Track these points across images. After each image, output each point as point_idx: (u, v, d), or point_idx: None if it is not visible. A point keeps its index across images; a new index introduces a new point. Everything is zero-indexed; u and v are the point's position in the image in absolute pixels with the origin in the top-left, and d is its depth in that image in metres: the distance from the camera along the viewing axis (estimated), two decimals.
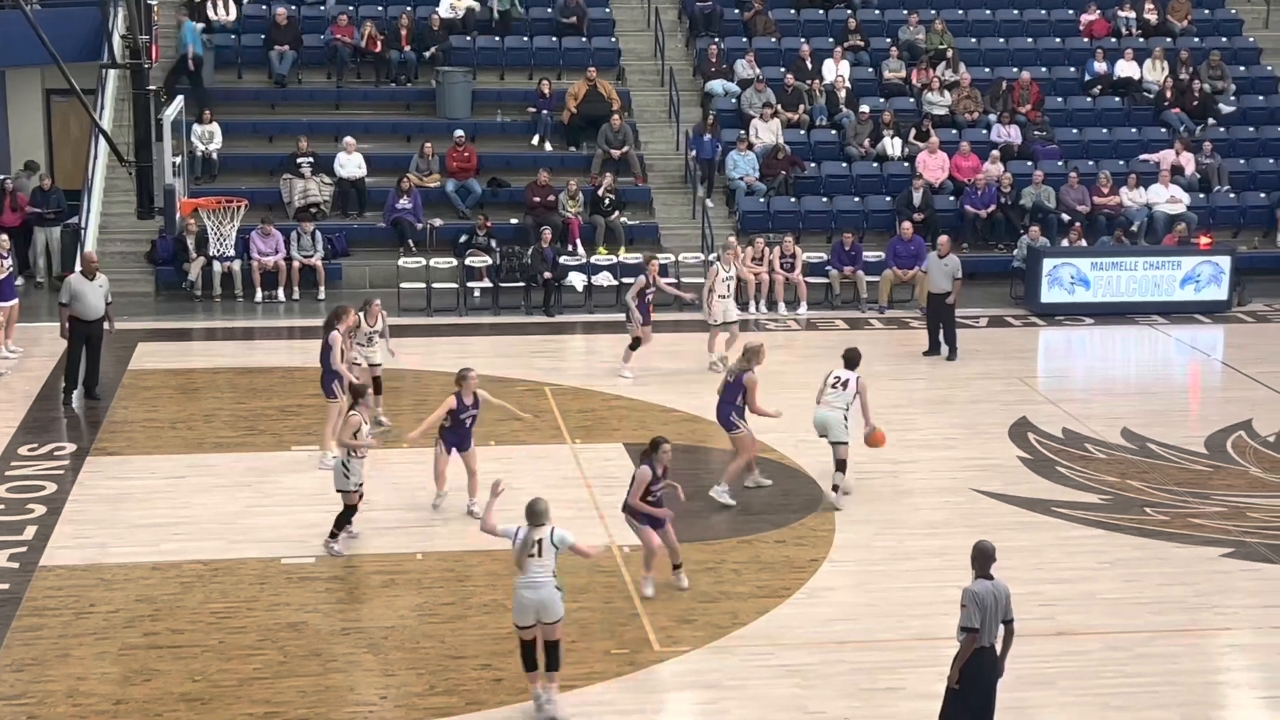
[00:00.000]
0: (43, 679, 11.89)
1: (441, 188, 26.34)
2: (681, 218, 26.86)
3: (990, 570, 10.45)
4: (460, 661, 12.30)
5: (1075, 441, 18.08)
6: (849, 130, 27.96)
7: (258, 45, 28.39)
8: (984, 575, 10.43)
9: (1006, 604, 10.40)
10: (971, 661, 10.34)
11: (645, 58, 29.93)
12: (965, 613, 10.32)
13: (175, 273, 24.70)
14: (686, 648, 12.62)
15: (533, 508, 11.50)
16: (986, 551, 10.51)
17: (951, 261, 21.95)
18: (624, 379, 20.03)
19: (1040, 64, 30.09)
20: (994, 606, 10.31)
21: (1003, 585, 10.44)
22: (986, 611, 10.27)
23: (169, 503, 15.74)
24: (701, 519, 15.48)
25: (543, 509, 11.49)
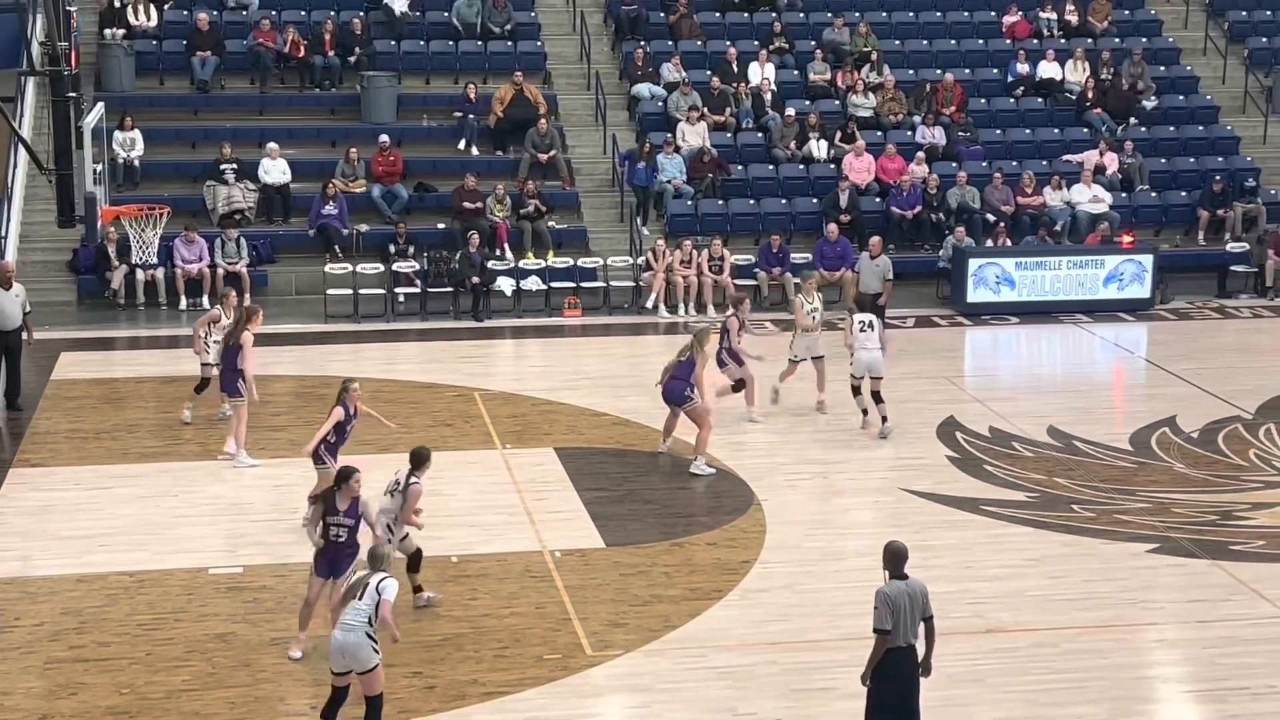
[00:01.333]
0: None
1: (367, 193, 26.22)
2: (610, 221, 26.88)
3: (904, 570, 10.49)
4: (391, 670, 12.19)
5: (1002, 440, 18.23)
6: (775, 133, 28.08)
7: (179, 51, 28.12)
8: (897, 575, 10.46)
9: (924, 602, 10.44)
10: (886, 661, 10.38)
11: (571, 61, 29.92)
12: (877, 614, 10.33)
13: (98, 281, 24.44)
14: (619, 651, 12.62)
15: (374, 553, 11.05)
16: (898, 552, 10.53)
17: (883, 262, 22.13)
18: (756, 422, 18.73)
19: (964, 66, 30.33)
20: (908, 606, 10.33)
21: (918, 584, 10.49)
22: (900, 612, 10.30)
23: (94, 514, 15.57)
24: (633, 522, 15.49)
25: (384, 554, 11.02)
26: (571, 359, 22.42)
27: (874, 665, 10.40)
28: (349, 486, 12.21)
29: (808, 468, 17.09)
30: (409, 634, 12.78)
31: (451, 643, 12.68)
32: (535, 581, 13.98)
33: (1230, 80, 31.02)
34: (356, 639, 10.70)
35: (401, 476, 13.01)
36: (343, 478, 12.27)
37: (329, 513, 12.24)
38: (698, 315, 24.59)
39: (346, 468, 12.45)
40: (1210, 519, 15.75)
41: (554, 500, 16.08)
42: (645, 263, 25.08)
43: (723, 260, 24.97)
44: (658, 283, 24.68)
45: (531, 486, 16.35)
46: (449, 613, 13.26)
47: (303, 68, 28.19)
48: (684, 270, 24.85)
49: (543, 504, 15.93)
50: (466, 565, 14.35)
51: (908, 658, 10.40)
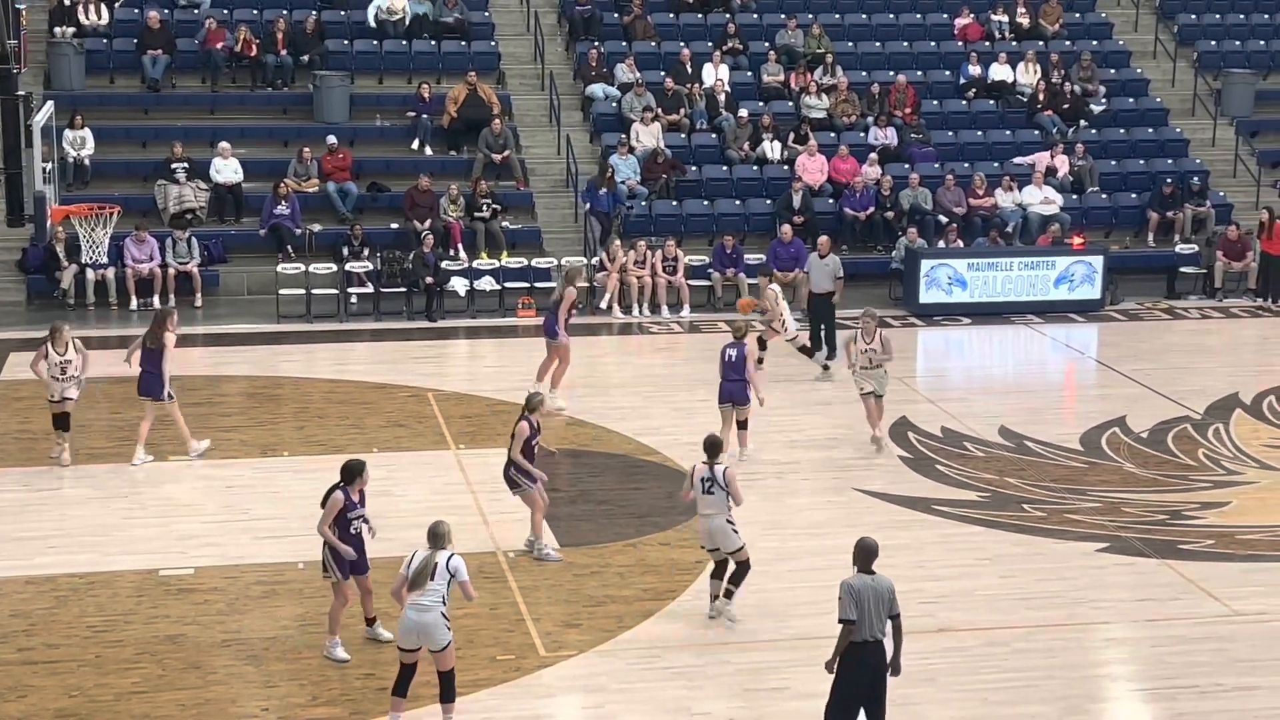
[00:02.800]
0: None
1: (320, 193, 26.10)
2: (563, 221, 26.85)
3: (871, 566, 10.55)
4: (343, 671, 12.19)
5: (954, 440, 18.31)
6: (729, 134, 28.12)
7: (130, 50, 27.92)
8: (865, 570, 10.53)
9: (890, 599, 10.51)
10: (849, 655, 10.44)
11: (525, 62, 29.88)
12: (841, 605, 10.44)
13: (47, 281, 24.24)
14: (573, 652, 12.61)
15: (435, 530, 11.29)
16: (868, 548, 10.62)
17: (832, 261, 22.18)
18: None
19: (916, 68, 30.45)
20: (873, 600, 10.40)
21: (885, 580, 10.55)
22: (864, 605, 10.37)
23: (43, 515, 15.44)
24: (586, 522, 15.49)
25: (445, 531, 11.29)
26: (525, 359, 22.28)
27: (839, 653, 10.43)
28: (363, 479, 12.49)
29: (761, 468, 17.11)
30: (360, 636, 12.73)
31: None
32: (489, 582, 13.94)
33: (1180, 83, 31.27)
34: (434, 619, 11.03)
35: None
36: (356, 471, 12.45)
37: (349, 509, 12.37)
38: (651, 315, 24.60)
39: (358, 460, 12.60)
40: (1159, 518, 15.87)
41: (508, 501, 15.96)
42: (599, 263, 25.08)
43: (676, 261, 24.99)
44: (612, 283, 24.68)
45: (485, 487, 16.30)
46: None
47: (255, 67, 28.03)
48: (638, 271, 24.86)
49: (496, 504, 15.87)
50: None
51: (873, 653, 10.45)
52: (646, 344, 23.31)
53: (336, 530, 12.36)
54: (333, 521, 12.33)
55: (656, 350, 22.96)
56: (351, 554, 12.40)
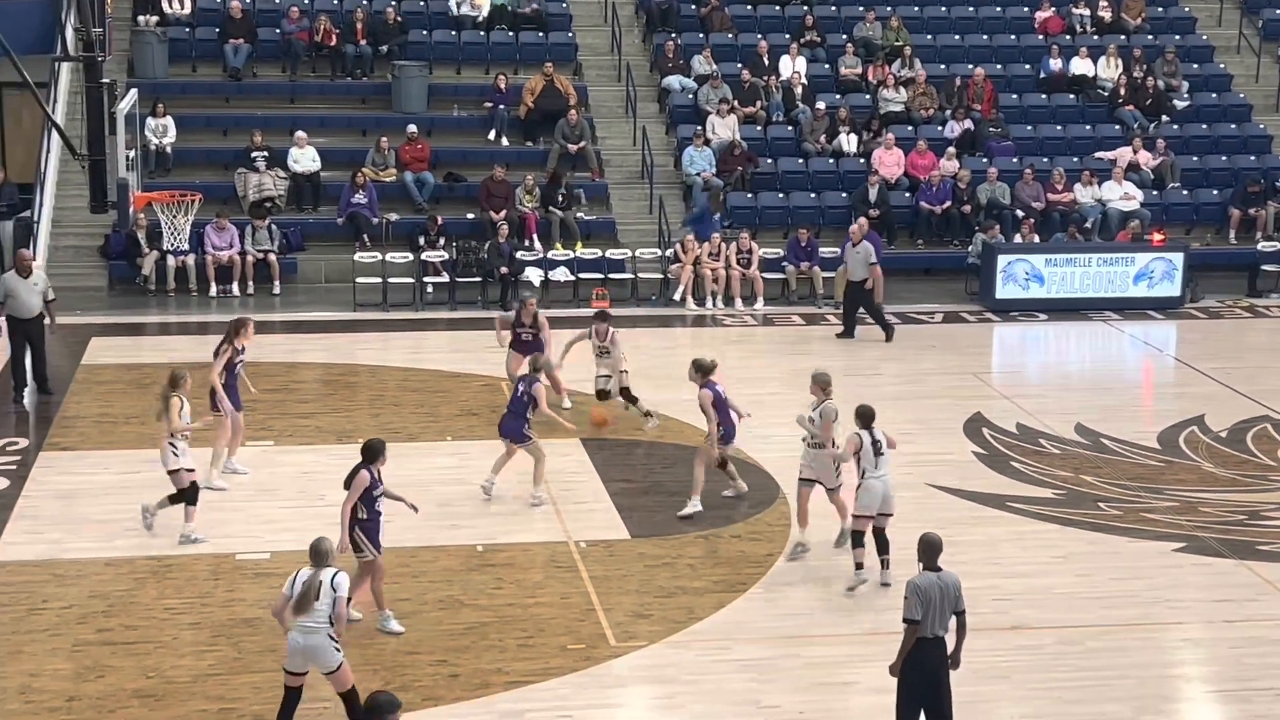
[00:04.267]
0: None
1: (398, 182, 26.27)
2: (638, 213, 26.87)
3: (938, 562, 10.51)
4: (415, 657, 12.28)
5: (1030, 437, 18.19)
6: (805, 126, 28.03)
7: (212, 39, 28.22)
8: (931, 567, 10.49)
9: (956, 595, 10.46)
10: (915, 652, 10.40)
11: (602, 53, 29.91)
12: (907, 604, 10.39)
13: (129, 267, 24.55)
14: (643, 642, 12.64)
15: (317, 547, 10.84)
16: (933, 544, 10.58)
17: (864, 248, 22.34)
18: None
19: (995, 61, 30.23)
20: (940, 598, 10.36)
21: (951, 577, 10.50)
22: (930, 604, 10.32)
23: (122, 498, 15.62)
24: (660, 513, 15.50)
25: (327, 549, 10.89)
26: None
27: (904, 655, 10.40)
28: (383, 458, 12.66)
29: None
30: (434, 622, 12.84)
31: (476, 631, 12.72)
32: (560, 571, 14.00)
33: (1263, 79, 30.83)
34: (320, 640, 10.65)
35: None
36: (379, 450, 12.61)
37: (374, 486, 12.51)
38: (725, 308, 24.58)
39: (378, 440, 12.72)
40: (1238, 518, 15.68)
41: (580, 491, 16.10)
42: (673, 255, 25.08)
43: (750, 254, 24.95)
44: (685, 275, 24.67)
45: (557, 477, 16.36)
46: (474, 601, 13.30)
47: (334, 56, 28.25)
48: (712, 263, 24.84)
49: (568, 494, 15.95)
50: (492, 554, 14.39)
51: (937, 649, 10.41)
52: (719, 337, 23.28)
53: (364, 509, 12.47)
54: (358, 500, 12.46)
55: (730, 343, 22.92)
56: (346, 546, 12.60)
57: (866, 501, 13.70)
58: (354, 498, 12.50)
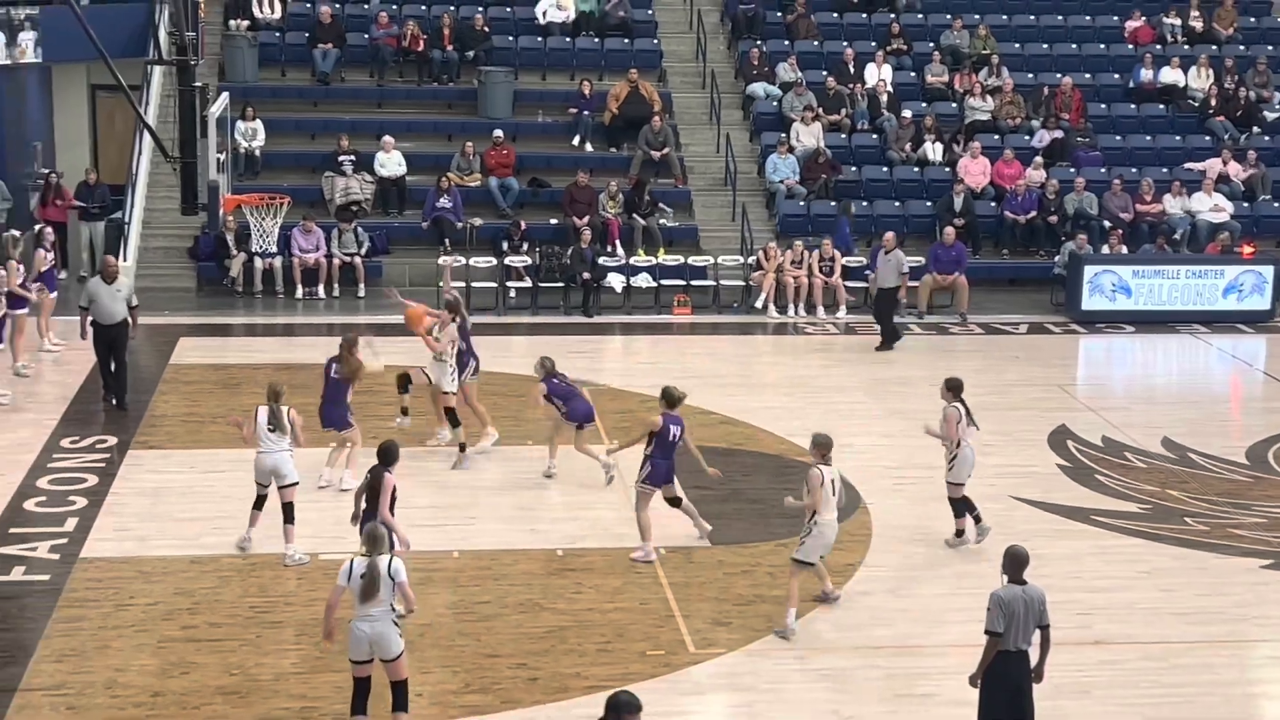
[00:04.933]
0: (82, 670, 11.98)
1: (482, 187, 26.42)
2: (721, 220, 26.86)
3: (1023, 575, 10.43)
4: (495, 660, 12.34)
5: (1115, 450, 18.00)
6: (890, 135, 27.91)
7: (301, 43, 28.53)
8: (1015, 580, 10.42)
9: (1041, 609, 10.38)
10: (996, 665, 10.33)
11: (687, 60, 29.94)
12: (990, 616, 10.33)
13: (217, 269, 24.86)
14: (722, 650, 12.63)
15: (373, 534, 10.94)
16: (1018, 556, 10.50)
17: (895, 256, 22.28)
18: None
19: (1084, 70, 29.96)
20: (1023, 612, 10.28)
21: (1036, 590, 10.42)
22: (1014, 617, 10.25)
23: (208, 497, 15.84)
24: (738, 521, 15.48)
25: (382, 535, 11.00)
26: (679, 357, 22.43)
27: (984, 667, 10.34)
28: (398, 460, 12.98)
29: (915, 472, 16.95)
30: (514, 625, 12.90)
31: (555, 635, 12.76)
32: (639, 578, 14.02)
33: None
34: (384, 628, 10.71)
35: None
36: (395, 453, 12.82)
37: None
38: (807, 316, 24.52)
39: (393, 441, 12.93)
40: None
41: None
42: (755, 262, 25.05)
43: (833, 262, 24.87)
44: (768, 283, 24.64)
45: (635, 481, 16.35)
46: (553, 605, 13.34)
47: (421, 62, 28.47)
48: (794, 271, 24.79)
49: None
50: (572, 559, 14.43)
51: (1020, 663, 10.33)
52: (801, 345, 23.22)
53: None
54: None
55: (812, 351, 22.86)
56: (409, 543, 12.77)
57: (964, 471, 14.53)
58: (387, 499, 12.62)
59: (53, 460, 16.86)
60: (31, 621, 12.84)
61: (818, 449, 13.14)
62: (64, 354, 20.89)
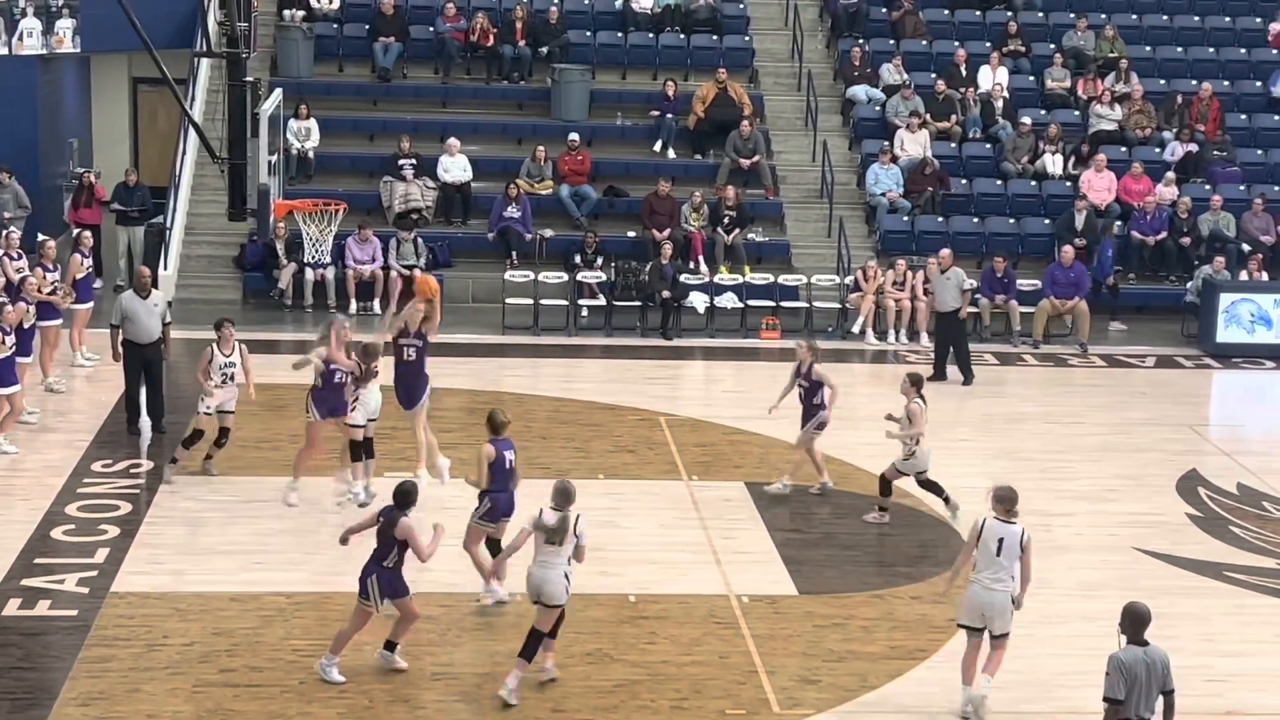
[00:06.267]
0: (110, 715, 12.07)
1: (554, 195, 26.52)
2: (815, 235, 26.83)
3: (1144, 636, 10.30)
4: (560, 715, 12.33)
5: (1252, 499, 17.79)
6: (1006, 144, 27.78)
7: (361, 36, 28.80)
8: (1136, 641, 10.30)
9: (1164, 673, 10.27)
10: None
11: (781, 59, 29.96)
12: (1109, 681, 10.26)
13: (265, 279, 25.08)
14: (810, 711, 12.56)
15: (564, 488, 12.48)
16: (1140, 614, 10.40)
17: (955, 275, 22.10)
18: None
19: (1222, 77, 29.72)
20: (1146, 676, 10.19)
21: (1159, 653, 10.31)
22: (1136, 682, 10.15)
23: (251, 528, 15.95)
24: (829, 568, 15.42)
25: (573, 490, 12.49)
26: (768, 385, 22.28)
27: None
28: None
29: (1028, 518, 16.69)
30: (582, 677, 12.89)
31: (626, 689, 12.73)
32: (719, 628, 13.97)
33: None
34: (556, 576, 12.42)
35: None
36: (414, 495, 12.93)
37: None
38: (909, 343, 24.40)
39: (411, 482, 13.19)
40: None
41: (743, 539, 16.06)
42: (854, 283, 24.97)
43: None
44: (866, 305, 24.55)
45: (719, 523, 16.35)
46: (624, 656, 13.32)
47: (490, 58, 28.65)
48: (896, 293, 24.68)
49: (730, 543, 15.92)
50: (645, 606, 14.40)
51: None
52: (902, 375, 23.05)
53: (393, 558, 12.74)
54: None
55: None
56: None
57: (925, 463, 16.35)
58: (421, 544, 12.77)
59: (83, 485, 17.05)
60: (57, 661, 12.96)
61: (1000, 504, 12.54)
62: (98, 369, 21.13)
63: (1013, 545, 12.31)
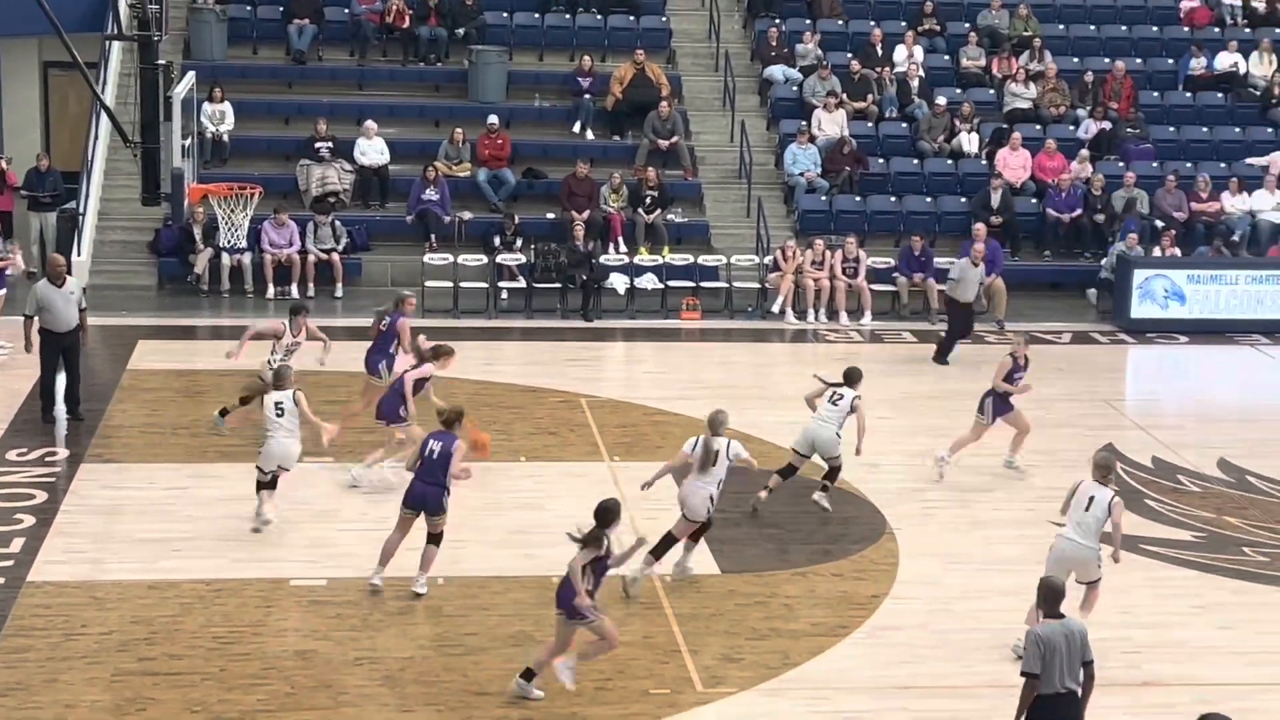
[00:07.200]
0: (28, 705, 11.94)
1: (472, 178, 26.43)
2: (734, 216, 26.88)
3: (1060, 609, 10.42)
4: (484, 698, 12.31)
5: (1167, 472, 17.99)
6: (922, 123, 27.93)
7: (275, 18, 28.57)
8: (1053, 615, 10.41)
9: (1083, 644, 10.39)
10: (1042, 710, 10.32)
11: (698, 40, 29.98)
12: (1027, 655, 10.38)
13: (180, 265, 24.86)
14: (733, 689, 12.60)
15: (715, 419, 14.33)
16: (1056, 589, 10.53)
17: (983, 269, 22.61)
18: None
19: (1135, 55, 29.99)
20: (1066, 649, 10.29)
21: (1077, 624, 10.47)
22: (1056, 654, 10.26)
23: (169, 516, 15.81)
24: (751, 547, 15.47)
25: (723, 419, 14.40)
26: (688, 365, 22.43)
27: (1022, 711, 10.32)
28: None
29: (946, 495, 16.95)
30: (504, 661, 12.86)
31: (550, 671, 12.71)
32: (643, 609, 14.00)
33: None
34: (702, 495, 14.24)
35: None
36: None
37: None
38: (828, 322, 24.51)
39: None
40: None
41: (666, 520, 16.03)
42: (772, 263, 25.05)
43: (858, 263, 24.86)
44: (785, 285, 24.63)
45: (641, 504, 16.34)
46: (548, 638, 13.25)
47: (406, 40, 28.49)
48: (815, 272, 24.78)
49: (653, 524, 15.89)
50: None
51: (1067, 704, 10.31)
52: (822, 354, 23.21)
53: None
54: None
55: (833, 361, 22.71)
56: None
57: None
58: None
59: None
60: None
61: (1098, 469, 13.39)
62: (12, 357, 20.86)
63: (1101, 505, 13.10)
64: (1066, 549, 13.18)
